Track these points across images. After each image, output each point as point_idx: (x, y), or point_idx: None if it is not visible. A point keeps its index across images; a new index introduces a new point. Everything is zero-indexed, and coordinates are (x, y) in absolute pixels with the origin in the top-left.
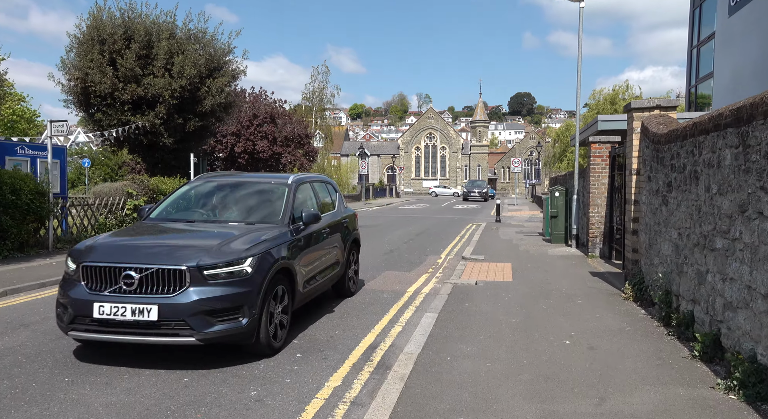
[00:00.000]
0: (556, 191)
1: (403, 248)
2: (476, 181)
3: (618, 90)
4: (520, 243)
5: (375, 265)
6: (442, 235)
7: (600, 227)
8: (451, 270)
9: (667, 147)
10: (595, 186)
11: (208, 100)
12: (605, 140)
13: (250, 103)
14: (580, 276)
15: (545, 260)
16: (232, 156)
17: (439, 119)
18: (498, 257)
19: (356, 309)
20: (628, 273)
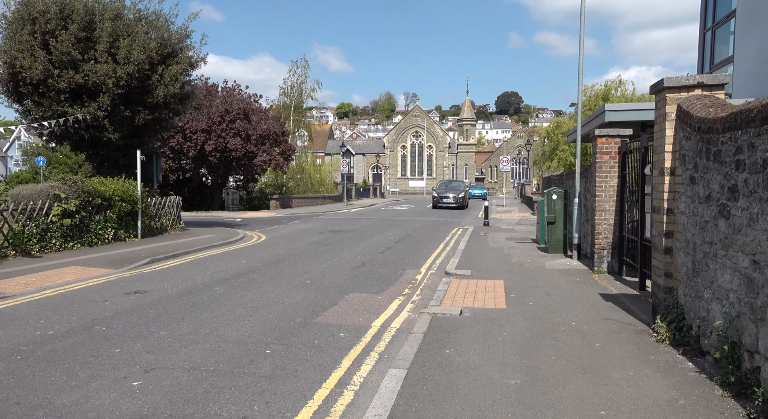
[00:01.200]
0: (553, 193)
1: (378, 259)
2: (452, 181)
3: (610, 86)
4: (512, 252)
5: (340, 284)
6: (424, 242)
7: (608, 236)
8: (432, 291)
9: (727, 137)
10: (601, 188)
11: (159, 90)
12: (614, 134)
13: (222, 98)
14: (591, 301)
15: (544, 277)
16: (202, 154)
17: (425, 117)
18: (487, 272)
19: (298, 359)
20: (659, 304)
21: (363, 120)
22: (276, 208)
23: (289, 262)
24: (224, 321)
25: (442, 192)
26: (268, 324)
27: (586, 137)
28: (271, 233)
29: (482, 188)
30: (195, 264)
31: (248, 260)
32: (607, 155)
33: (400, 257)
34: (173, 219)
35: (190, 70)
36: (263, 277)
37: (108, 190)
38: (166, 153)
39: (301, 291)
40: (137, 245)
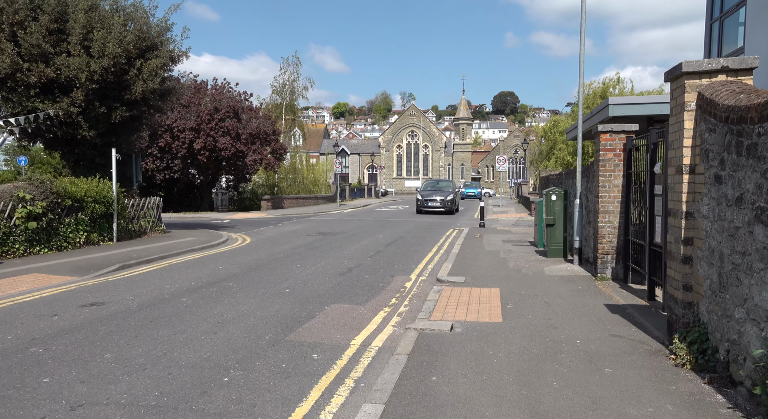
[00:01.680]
0: (552, 193)
1: (365, 264)
2: (440, 181)
3: (608, 84)
4: (508, 256)
5: (321, 293)
6: (416, 245)
7: (612, 241)
8: (421, 301)
9: (766, 127)
10: (605, 188)
11: (138, 85)
12: (618, 130)
13: (211, 96)
14: (596, 313)
15: (543, 285)
16: (190, 154)
17: (421, 117)
18: (482, 279)
19: (258, 389)
20: (675, 320)
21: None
22: (267, 209)
23: (270, 268)
24: (183, 339)
25: (427, 194)
26: (232, 342)
27: (587, 134)
28: (256, 236)
29: (477, 187)
30: (168, 271)
31: (226, 266)
32: (611, 152)
33: (389, 262)
34: (153, 221)
35: (171, 65)
36: (239, 285)
37: (80, 190)
38: (154, 153)
39: (278, 302)
40: (111, 250)
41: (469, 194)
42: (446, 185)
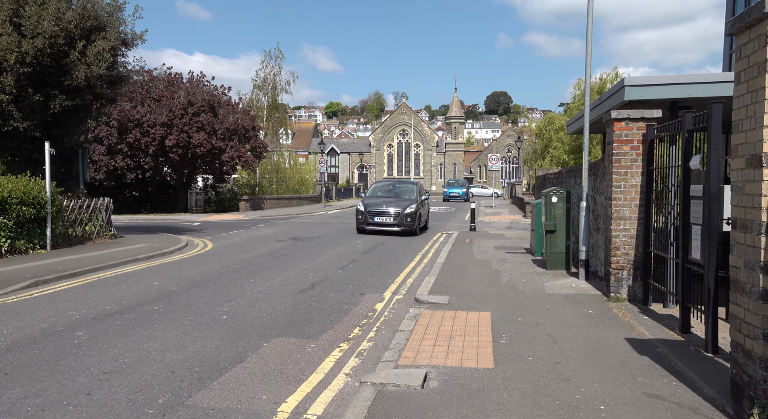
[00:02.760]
0: (552, 194)
1: (334, 278)
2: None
3: (606, 79)
4: (502, 268)
5: (267, 322)
6: (398, 252)
7: (628, 253)
8: (391, 331)
9: None
10: (619, 189)
11: (80, 70)
12: (637, 117)
13: (185, 89)
14: (618, 355)
15: (544, 308)
16: (162, 150)
17: (412, 115)
18: (470, 299)
19: None
20: (751, 383)
21: (352, 119)
22: (246, 210)
23: (216, 284)
24: (36, 405)
25: (376, 204)
26: (104, 413)
27: (594, 126)
28: (221, 241)
29: (462, 186)
30: (89, 289)
31: (165, 281)
32: (628, 144)
33: (363, 274)
34: (102, 225)
35: (124, 50)
36: (165, 310)
37: (2, 191)
38: (123, 150)
39: (204, 336)
40: (37, 260)
41: (453, 195)
42: (408, 188)
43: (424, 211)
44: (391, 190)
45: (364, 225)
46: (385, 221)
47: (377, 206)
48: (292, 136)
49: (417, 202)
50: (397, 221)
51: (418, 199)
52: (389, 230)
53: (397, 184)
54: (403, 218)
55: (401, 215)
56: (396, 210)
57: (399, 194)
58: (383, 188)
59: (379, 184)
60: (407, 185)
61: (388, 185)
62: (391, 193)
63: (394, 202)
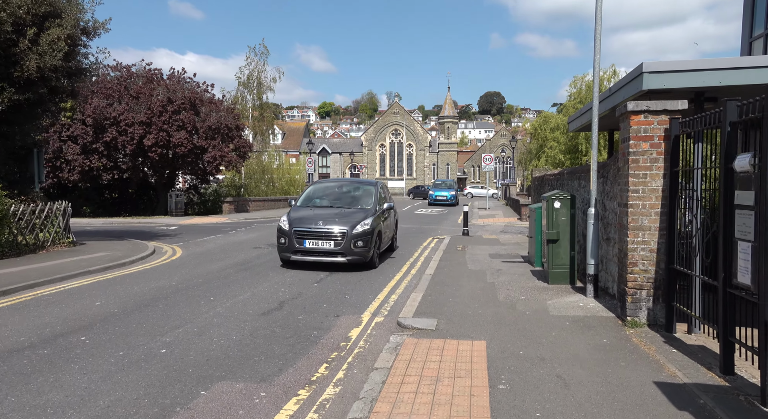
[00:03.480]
0: (555, 199)
1: (308, 294)
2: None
3: (603, 77)
4: (498, 281)
5: (217, 355)
6: (383, 262)
7: (648, 269)
8: (365, 371)
9: None
10: (637, 194)
11: (31, 60)
12: (659, 109)
13: (165, 86)
14: (651, 411)
15: (550, 335)
16: (141, 150)
17: (405, 115)
18: (462, 322)
19: None
20: None
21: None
22: (230, 212)
23: (169, 303)
24: None
25: (307, 219)
26: None
27: (603, 120)
28: (193, 248)
29: (450, 187)
30: (13, 312)
31: (109, 301)
32: (647, 141)
33: (341, 289)
34: (58, 232)
35: (85, 40)
36: (94, 341)
37: None
38: (99, 149)
39: (128, 380)
40: None
41: (440, 199)
42: (361, 193)
43: (388, 226)
44: (336, 195)
45: (289, 253)
46: (322, 247)
47: (309, 223)
48: (282, 135)
49: (374, 214)
50: (342, 246)
51: (376, 209)
52: (328, 261)
53: (346, 186)
54: (351, 242)
55: (348, 236)
56: (341, 229)
57: (348, 201)
58: (324, 192)
59: (318, 186)
60: (361, 188)
61: (332, 187)
62: (335, 200)
63: (337, 216)
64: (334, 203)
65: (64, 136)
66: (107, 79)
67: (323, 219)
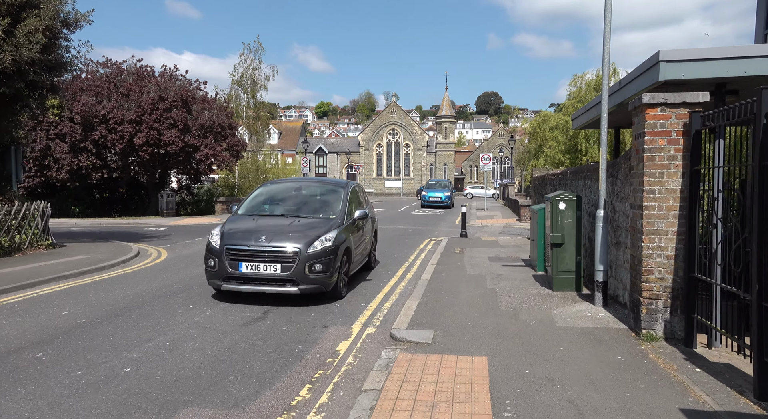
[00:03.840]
0: (560, 200)
1: (296, 301)
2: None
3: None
4: (498, 287)
5: (191, 372)
6: (378, 266)
7: (665, 277)
8: (353, 394)
9: None
10: (653, 195)
11: (5, 52)
12: (677, 101)
13: (156, 83)
14: None
15: (558, 350)
16: (131, 149)
17: (402, 114)
18: (461, 334)
19: None
20: None
21: (342, 120)
22: (222, 212)
23: (142, 313)
24: None
25: (246, 233)
26: None
27: (612, 115)
28: (179, 250)
29: (445, 188)
30: None
31: (78, 310)
32: (665, 137)
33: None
34: (36, 233)
35: (66, 32)
36: (51, 358)
37: None
38: (88, 147)
39: (79, 408)
40: None
41: (433, 201)
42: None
43: (361, 239)
44: (292, 200)
45: (219, 281)
46: (265, 272)
47: (248, 239)
48: (279, 135)
49: (340, 226)
50: (294, 270)
51: (344, 218)
52: (273, 291)
53: (308, 187)
54: (307, 265)
55: (301, 257)
56: (292, 247)
57: (308, 207)
58: (278, 195)
59: (271, 188)
60: (327, 190)
61: (289, 188)
62: (291, 206)
63: (290, 228)
64: (288, 210)
65: (51, 134)
66: (96, 76)
67: (269, 233)
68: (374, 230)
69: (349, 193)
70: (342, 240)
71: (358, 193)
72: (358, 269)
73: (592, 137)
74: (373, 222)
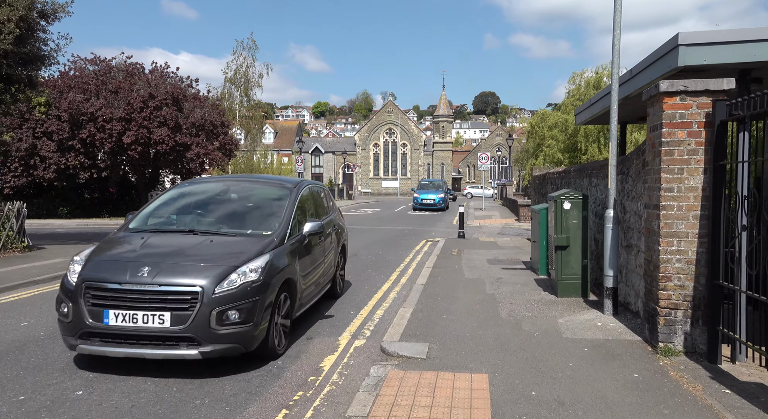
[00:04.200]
0: (565, 199)
1: None
2: (243, 184)
3: (602, 72)
4: (498, 293)
5: (154, 395)
6: (371, 268)
7: (685, 284)
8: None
9: None
10: (671, 193)
11: None
12: (699, 89)
13: (146, 80)
14: None
15: (567, 366)
16: (120, 148)
17: (399, 114)
18: (458, 348)
19: None
20: None
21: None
22: None
23: None
24: None
25: (124, 259)
26: None
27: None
28: None
29: (439, 189)
30: None
31: (37, 321)
32: (685, 128)
33: (319, 304)
34: (10, 235)
35: (44, 24)
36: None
37: None
38: (76, 146)
39: None
40: None
41: (426, 203)
42: (263, 206)
43: (317, 259)
44: (211, 208)
45: (73, 337)
46: (144, 325)
47: (121, 271)
48: (275, 134)
49: (275, 247)
50: (191, 322)
51: (285, 234)
52: (158, 354)
53: (237, 189)
54: (214, 313)
55: (204, 301)
56: (190, 284)
57: (232, 219)
58: (191, 201)
59: (184, 190)
60: (266, 193)
61: (209, 191)
62: (207, 218)
63: (195, 251)
64: (203, 222)
65: (38, 132)
66: (85, 73)
67: (157, 261)
68: (341, 244)
69: (299, 197)
70: (280, 268)
71: (317, 196)
72: (318, 299)
73: (591, 136)
74: (340, 234)
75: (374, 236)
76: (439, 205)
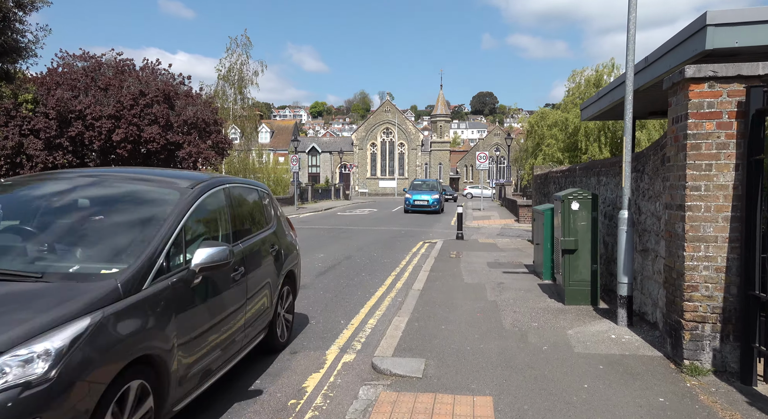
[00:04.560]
0: (573, 199)
1: None
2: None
3: (602, 71)
4: (501, 300)
5: None
6: (365, 273)
7: (714, 294)
8: None
9: None
10: (698, 192)
11: None
12: (731, 75)
13: (137, 77)
14: None
15: (581, 390)
16: (109, 146)
17: (396, 113)
18: (458, 365)
19: None
20: None
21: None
22: None
23: None
24: None
25: None
26: None
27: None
28: None
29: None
30: None
31: None
32: (713, 120)
33: (305, 313)
34: None
35: (21, 14)
36: None
37: None
38: (64, 144)
39: None
40: None
41: (418, 205)
42: (115, 222)
43: (226, 309)
44: (38, 224)
45: None
46: None
47: None
48: (271, 134)
49: (115, 302)
50: None
51: (142, 279)
52: None
53: (87, 192)
54: None
55: None
56: None
57: (56, 249)
58: (12, 209)
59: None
60: (129, 199)
61: (46, 196)
62: (19, 241)
63: None
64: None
65: (25, 130)
66: (73, 69)
67: None
68: (286, 270)
69: (196, 205)
70: (119, 339)
71: (244, 203)
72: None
73: (592, 135)
74: (286, 256)
75: (369, 237)
76: (433, 207)
